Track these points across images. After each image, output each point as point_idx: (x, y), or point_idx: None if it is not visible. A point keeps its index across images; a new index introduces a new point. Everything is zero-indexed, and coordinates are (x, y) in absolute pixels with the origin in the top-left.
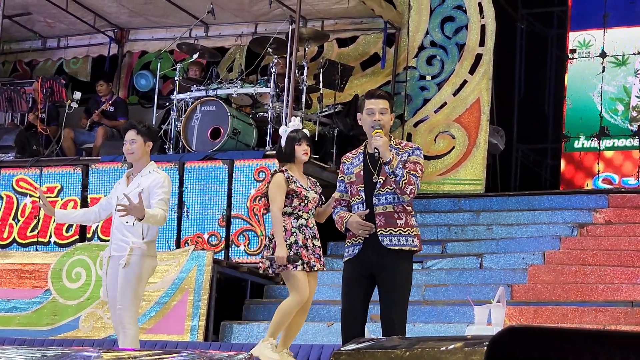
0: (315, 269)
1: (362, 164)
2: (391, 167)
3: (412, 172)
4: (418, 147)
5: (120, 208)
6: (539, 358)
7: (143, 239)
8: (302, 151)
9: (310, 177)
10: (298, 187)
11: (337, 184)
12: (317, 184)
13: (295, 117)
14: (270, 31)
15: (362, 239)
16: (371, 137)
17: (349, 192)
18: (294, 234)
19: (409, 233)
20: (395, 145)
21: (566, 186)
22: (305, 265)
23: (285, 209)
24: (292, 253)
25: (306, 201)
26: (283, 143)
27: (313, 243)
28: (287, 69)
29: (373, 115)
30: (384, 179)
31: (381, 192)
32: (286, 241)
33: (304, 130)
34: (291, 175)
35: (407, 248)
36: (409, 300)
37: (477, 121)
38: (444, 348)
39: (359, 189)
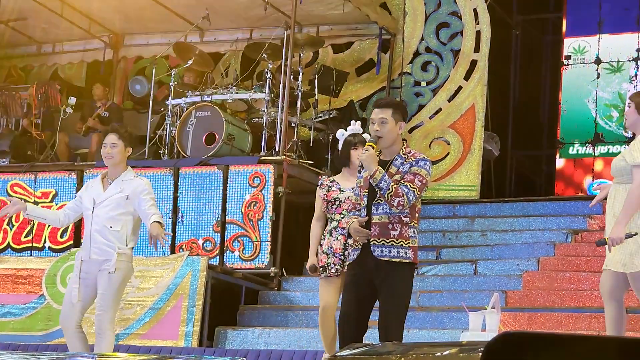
0: (333, 270)
1: None
2: (374, 181)
3: (406, 183)
4: (424, 159)
5: (163, 243)
6: None
7: (127, 245)
8: (358, 156)
9: None
10: (330, 191)
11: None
12: None
13: (356, 121)
14: (266, 37)
15: (361, 244)
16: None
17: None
18: (323, 240)
19: (401, 245)
20: (403, 154)
21: (561, 192)
22: (327, 271)
23: (328, 216)
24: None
25: (337, 202)
26: (340, 147)
27: (346, 242)
28: (282, 75)
29: (373, 125)
30: None
31: (379, 202)
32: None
33: (363, 134)
34: (324, 182)
35: (398, 260)
36: (406, 310)
37: (471, 127)
38: (438, 354)
39: (363, 194)
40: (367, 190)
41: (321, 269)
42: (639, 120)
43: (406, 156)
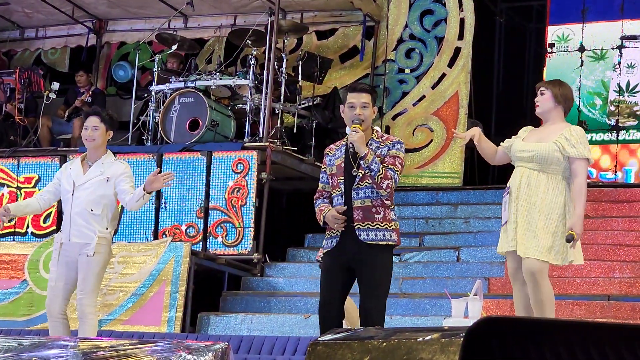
0: None
1: (344, 156)
2: (366, 162)
3: (390, 166)
4: (399, 141)
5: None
6: (516, 348)
7: (107, 229)
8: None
9: None
10: None
11: (320, 175)
12: None
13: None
14: (250, 23)
15: (340, 232)
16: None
17: (331, 184)
18: None
19: (386, 227)
20: (377, 138)
21: None
22: None
23: None
24: None
25: None
26: None
27: None
28: (266, 61)
29: (354, 109)
30: (362, 172)
31: (360, 186)
32: None
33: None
34: None
35: (385, 243)
36: (388, 293)
37: (455, 114)
38: (420, 339)
39: (339, 181)
40: (342, 178)
41: None
42: (553, 109)
43: (380, 140)
